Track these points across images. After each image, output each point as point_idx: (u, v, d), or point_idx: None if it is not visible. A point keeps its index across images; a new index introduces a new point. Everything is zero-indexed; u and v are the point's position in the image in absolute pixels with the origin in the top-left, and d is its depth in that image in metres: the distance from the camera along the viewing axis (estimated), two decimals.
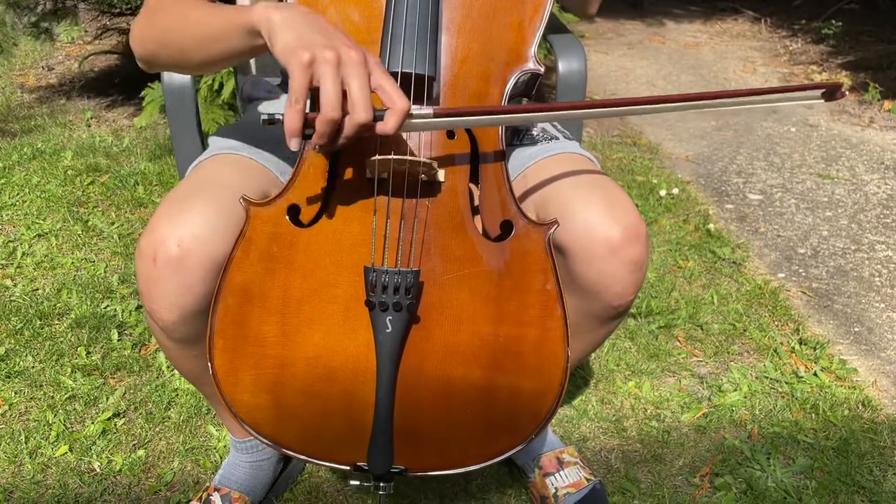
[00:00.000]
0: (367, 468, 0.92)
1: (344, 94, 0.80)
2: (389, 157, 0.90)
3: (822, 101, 0.95)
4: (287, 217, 0.94)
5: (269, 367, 0.92)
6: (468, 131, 0.98)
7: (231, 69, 2.58)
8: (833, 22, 4.89)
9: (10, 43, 3.03)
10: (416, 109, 0.84)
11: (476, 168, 0.98)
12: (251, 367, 0.93)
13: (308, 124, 0.80)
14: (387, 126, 0.81)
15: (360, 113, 0.80)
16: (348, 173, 0.96)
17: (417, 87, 0.95)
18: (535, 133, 1.22)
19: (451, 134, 0.97)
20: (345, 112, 0.80)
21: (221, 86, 2.65)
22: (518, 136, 1.21)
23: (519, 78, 1.00)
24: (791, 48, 4.86)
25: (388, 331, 0.88)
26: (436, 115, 0.86)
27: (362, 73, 0.80)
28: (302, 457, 0.95)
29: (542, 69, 1.00)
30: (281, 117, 0.81)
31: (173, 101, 1.31)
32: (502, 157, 0.98)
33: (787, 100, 0.95)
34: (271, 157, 1.12)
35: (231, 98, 2.74)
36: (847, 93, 0.98)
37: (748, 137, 3.31)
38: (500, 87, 0.99)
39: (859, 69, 4.22)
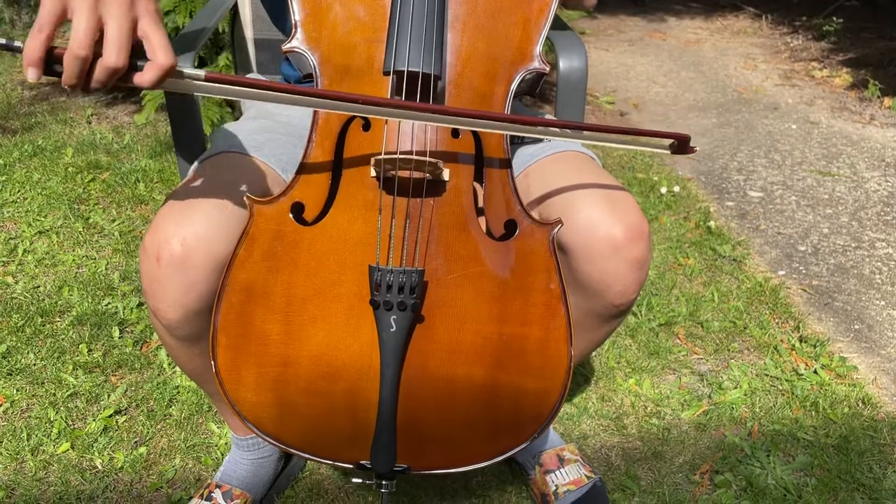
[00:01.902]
0: (369, 467, 0.92)
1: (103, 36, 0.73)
2: (395, 155, 0.90)
3: (669, 152, 0.97)
4: (291, 215, 0.94)
5: (273, 365, 0.93)
6: (472, 131, 0.98)
7: (231, 66, 2.58)
8: (834, 19, 4.89)
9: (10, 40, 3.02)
10: (187, 69, 0.79)
11: (480, 167, 0.98)
12: (254, 365, 0.93)
13: (56, 59, 0.73)
14: (143, 78, 0.75)
15: (110, 56, 0.72)
16: (353, 172, 0.96)
17: (423, 85, 0.95)
18: None
19: (455, 133, 0.97)
20: (98, 54, 0.73)
21: None
22: (519, 135, 1.20)
23: (524, 77, 1.00)
24: (792, 45, 4.86)
25: (392, 330, 0.89)
26: (207, 79, 0.79)
27: (123, 13, 0.73)
28: (305, 455, 0.95)
29: (548, 68, 1.00)
30: (21, 45, 0.73)
31: (173, 99, 1.31)
32: (507, 156, 0.98)
33: (638, 144, 0.96)
34: (274, 156, 1.12)
35: None
36: (696, 148, 1.00)
37: (749, 135, 3.31)
38: (505, 86, 0.99)
39: (860, 66, 4.22)
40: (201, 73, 0.79)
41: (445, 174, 0.94)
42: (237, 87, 0.81)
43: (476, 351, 0.93)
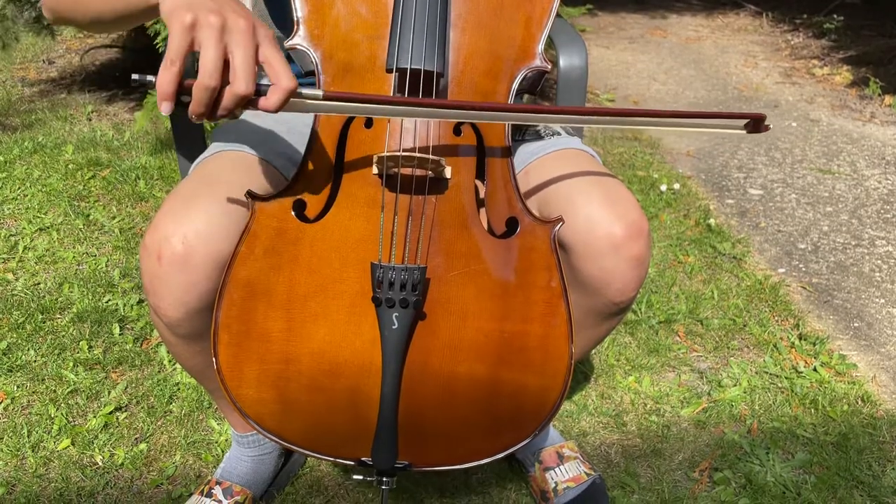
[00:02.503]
0: (370, 463, 0.92)
1: (228, 65, 0.76)
2: (397, 153, 0.90)
3: (745, 132, 0.96)
4: (293, 212, 0.94)
5: (274, 362, 0.93)
6: (474, 128, 0.98)
7: None
8: (834, 16, 4.89)
9: (11, 37, 3.02)
10: (305, 90, 0.82)
11: (482, 164, 0.98)
12: (256, 363, 0.93)
13: (185, 90, 0.76)
14: (269, 102, 0.78)
15: (240, 84, 0.76)
16: (355, 169, 0.96)
17: (426, 82, 0.95)
18: (538, 129, 1.22)
19: (457, 130, 0.97)
20: (225, 82, 0.76)
21: None
22: (520, 132, 1.21)
23: (526, 75, 1.00)
24: (792, 43, 4.85)
25: (394, 327, 0.89)
26: (325, 98, 0.82)
27: (248, 43, 0.76)
28: (306, 452, 0.95)
29: (549, 66, 1.00)
30: (154, 79, 0.76)
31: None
32: (508, 154, 0.99)
33: (711, 126, 0.95)
34: (275, 154, 1.12)
35: None
36: (771, 126, 0.99)
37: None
38: (507, 84, 0.99)
39: (860, 64, 4.22)
40: (319, 92, 0.82)
41: (447, 172, 0.94)
42: (356, 104, 0.85)
43: (477, 348, 0.93)
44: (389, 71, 0.95)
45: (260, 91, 0.78)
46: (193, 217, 0.95)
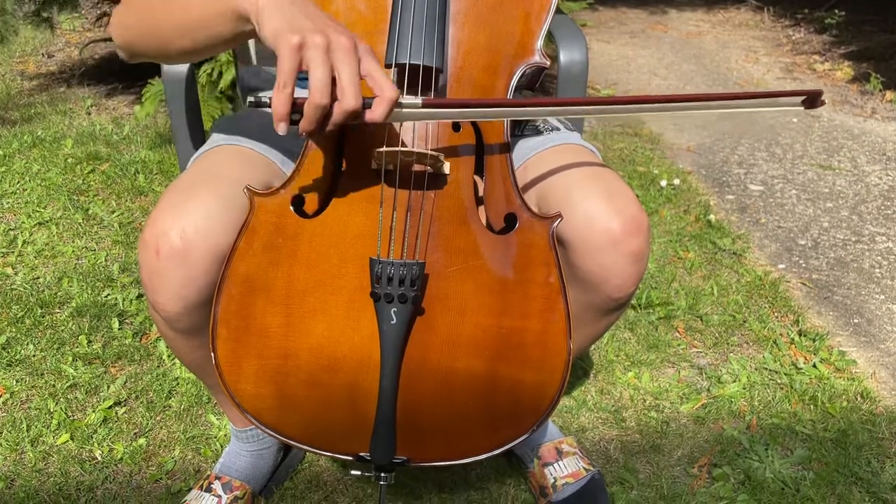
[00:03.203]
0: (369, 459, 0.92)
1: (333, 81, 0.79)
2: (396, 148, 0.90)
3: (803, 108, 0.94)
4: (291, 207, 0.94)
5: (273, 357, 0.93)
6: (473, 123, 0.98)
7: (231, 59, 2.58)
8: (836, 11, 4.88)
9: (11, 30, 3.02)
10: (404, 99, 0.84)
11: (481, 160, 0.98)
12: (254, 358, 0.93)
13: (296, 109, 0.80)
14: (375, 114, 0.81)
15: (349, 100, 0.79)
16: (353, 164, 0.96)
17: (424, 78, 0.95)
18: (537, 124, 1.21)
19: (456, 126, 0.97)
20: (333, 98, 0.79)
21: (220, 75, 2.65)
22: (519, 127, 1.20)
23: (525, 71, 1.00)
24: (794, 38, 4.84)
25: (392, 322, 0.89)
26: (424, 106, 0.85)
27: (352, 60, 0.79)
28: (304, 447, 0.95)
29: (548, 62, 1.00)
30: (268, 101, 0.80)
31: (173, 90, 1.31)
32: (507, 149, 0.98)
33: (768, 105, 0.95)
34: (274, 149, 1.12)
35: (229, 89, 2.73)
36: (826, 101, 0.99)
37: (750, 128, 3.31)
38: (506, 80, 0.99)
39: (861, 59, 4.21)
40: (419, 101, 0.85)
41: (446, 167, 0.94)
42: (455, 110, 0.89)
43: (475, 344, 0.93)
44: (388, 66, 0.95)
45: (366, 104, 0.81)
46: (192, 211, 0.95)
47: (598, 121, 3.30)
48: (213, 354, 0.93)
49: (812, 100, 0.93)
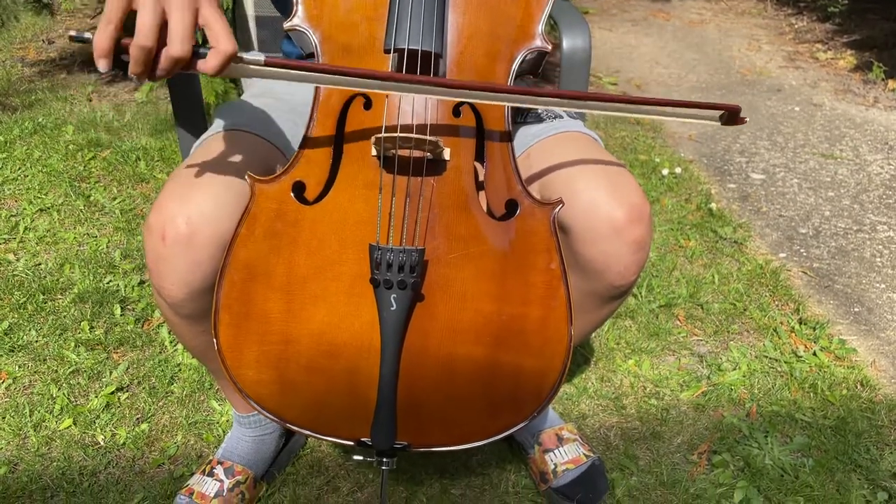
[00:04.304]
0: (370, 444, 0.92)
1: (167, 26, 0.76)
2: (395, 134, 0.90)
3: (719, 123, 0.94)
4: (292, 194, 0.94)
5: (274, 343, 0.93)
6: (474, 109, 0.98)
7: None
8: (839, 0, 4.85)
9: (11, 16, 3.01)
10: (246, 55, 0.81)
11: (482, 146, 0.97)
12: (256, 343, 0.93)
13: (123, 50, 0.76)
14: (207, 65, 0.78)
15: (175, 46, 0.76)
16: (353, 151, 0.96)
17: (424, 63, 0.95)
18: (539, 111, 1.21)
19: (456, 112, 0.97)
20: (163, 43, 0.76)
21: None
22: (521, 115, 1.20)
23: (526, 56, 1.00)
24: (796, 26, 4.82)
25: (392, 308, 0.89)
26: (267, 64, 0.82)
27: (185, 5, 0.76)
28: (306, 432, 0.96)
29: (550, 47, 1.00)
30: (91, 36, 0.76)
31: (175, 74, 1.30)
32: (508, 136, 0.98)
33: (687, 116, 0.94)
34: (277, 134, 1.12)
35: None
36: (747, 119, 0.99)
37: (752, 116, 3.30)
38: (507, 65, 0.99)
39: (864, 48, 4.19)
40: (261, 58, 0.81)
41: (446, 153, 0.94)
42: (297, 71, 0.84)
43: (476, 330, 0.93)
44: (388, 51, 0.95)
45: (199, 54, 0.78)
46: (198, 198, 0.95)
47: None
48: (215, 340, 0.93)
49: (732, 116, 0.93)
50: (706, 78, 3.86)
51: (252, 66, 0.82)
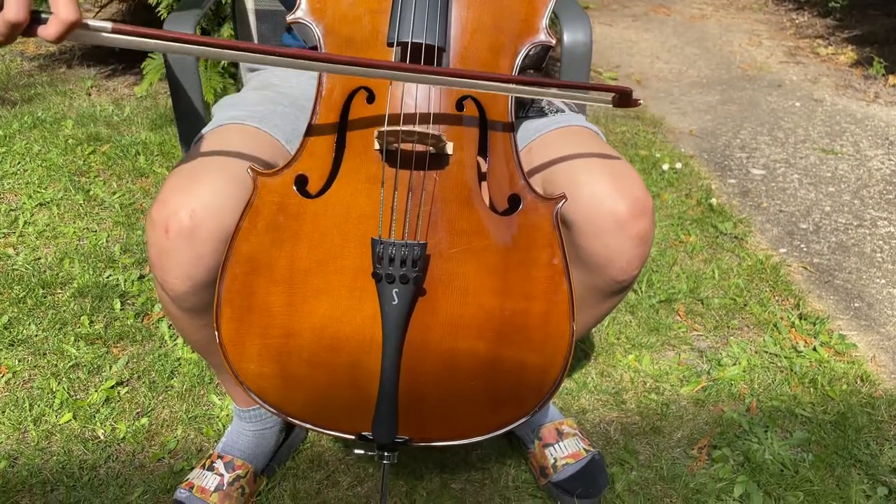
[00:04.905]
0: (371, 438, 0.92)
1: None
2: (398, 128, 0.89)
3: (611, 105, 0.93)
4: (294, 188, 0.93)
5: (276, 336, 0.93)
6: (477, 103, 0.97)
7: (233, 36, 2.56)
8: None
9: None
10: (92, 22, 0.77)
11: (484, 141, 0.97)
12: (257, 337, 0.93)
13: None
14: (47, 32, 0.74)
15: (10, 9, 0.71)
16: (356, 144, 0.95)
17: (427, 57, 0.94)
18: (541, 105, 1.21)
19: (459, 105, 0.97)
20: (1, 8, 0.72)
21: None
22: (524, 109, 1.20)
23: (530, 50, 0.99)
24: (797, 21, 4.81)
25: (394, 303, 0.89)
26: (114, 31, 0.78)
27: None
28: (307, 425, 0.96)
29: (554, 41, 0.99)
30: None
31: (174, 67, 1.30)
32: (511, 129, 0.98)
33: (581, 99, 0.94)
34: (278, 127, 1.12)
35: (230, 65, 2.72)
36: (641, 102, 0.98)
37: (752, 112, 3.29)
38: (511, 59, 0.98)
39: (865, 43, 4.18)
40: (108, 25, 0.77)
41: (449, 148, 0.94)
42: (147, 40, 0.79)
43: (478, 325, 0.93)
44: (391, 45, 0.94)
45: (40, 20, 0.75)
46: (201, 191, 0.95)
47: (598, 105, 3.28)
48: (217, 333, 0.93)
49: (624, 98, 0.92)
50: (707, 73, 3.85)
51: (101, 34, 0.78)
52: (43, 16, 0.74)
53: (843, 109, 3.35)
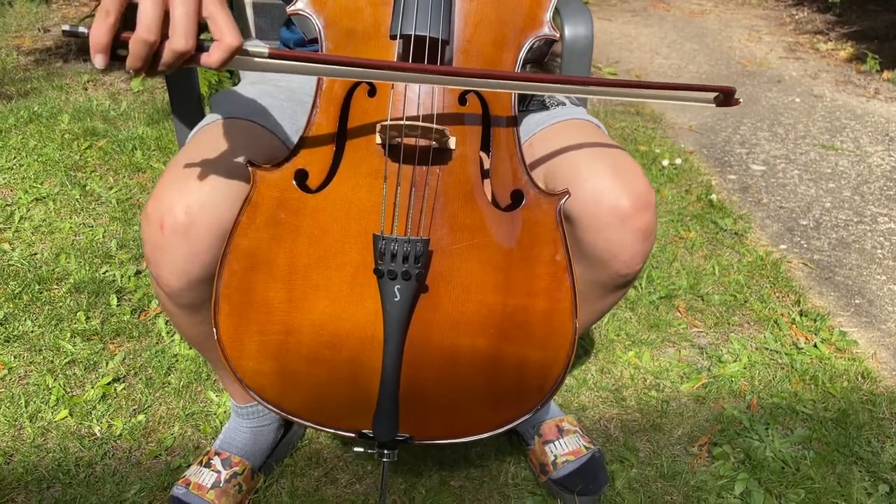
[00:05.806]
0: (371, 435, 0.91)
1: (169, 18, 0.72)
2: (400, 122, 0.88)
3: (714, 105, 0.93)
4: (294, 182, 0.92)
5: (275, 333, 0.92)
6: (480, 97, 0.96)
7: None
8: None
9: (6, 4, 2.98)
10: (250, 47, 0.77)
11: (487, 135, 0.96)
12: (256, 333, 0.92)
13: (122, 44, 0.71)
14: (210, 59, 0.74)
15: (178, 39, 0.72)
16: (357, 138, 0.94)
17: (430, 50, 0.93)
18: (542, 99, 1.20)
19: (462, 100, 0.95)
20: (165, 36, 0.72)
21: None
22: (525, 102, 1.19)
23: (533, 44, 0.98)
24: (797, 17, 4.80)
25: (396, 299, 0.88)
26: (271, 56, 0.78)
27: None
28: (306, 423, 0.95)
29: (557, 35, 0.98)
30: (86, 31, 0.71)
31: None
32: (514, 124, 0.97)
33: (682, 98, 0.93)
34: (276, 122, 1.10)
35: None
36: (741, 100, 0.98)
37: (752, 108, 3.29)
38: (514, 53, 0.97)
39: (865, 39, 4.18)
40: (265, 50, 0.78)
41: (452, 142, 0.93)
42: (303, 63, 0.80)
43: (480, 322, 0.92)
44: (393, 38, 0.93)
45: (203, 47, 0.74)
46: (196, 186, 0.94)
47: (601, 98, 3.27)
48: (215, 330, 0.92)
49: (726, 97, 0.91)
50: (706, 69, 3.84)
51: (256, 59, 0.78)
52: (204, 43, 0.74)
53: (843, 105, 3.34)
